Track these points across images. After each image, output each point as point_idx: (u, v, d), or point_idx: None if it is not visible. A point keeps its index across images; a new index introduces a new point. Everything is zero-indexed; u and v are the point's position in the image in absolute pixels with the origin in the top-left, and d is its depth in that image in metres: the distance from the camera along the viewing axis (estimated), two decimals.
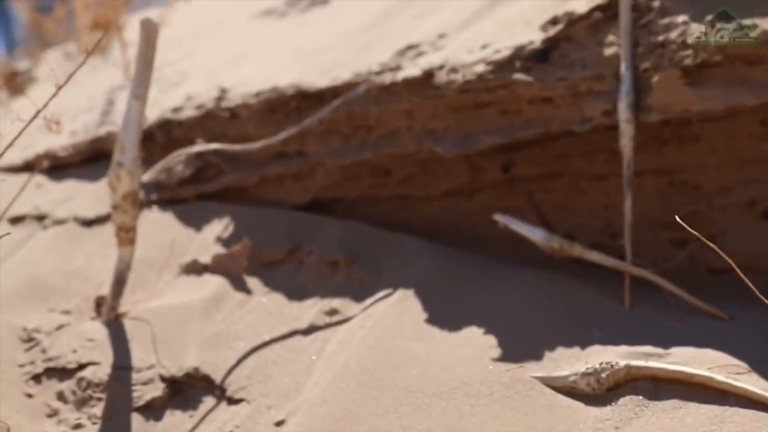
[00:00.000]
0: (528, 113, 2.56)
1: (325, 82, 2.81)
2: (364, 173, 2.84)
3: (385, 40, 2.99)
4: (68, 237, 2.79)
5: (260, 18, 3.73)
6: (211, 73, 3.24)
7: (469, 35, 2.78)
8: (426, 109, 2.68)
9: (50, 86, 3.87)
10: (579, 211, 2.71)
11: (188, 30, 3.73)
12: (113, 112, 3.23)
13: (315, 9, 3.57)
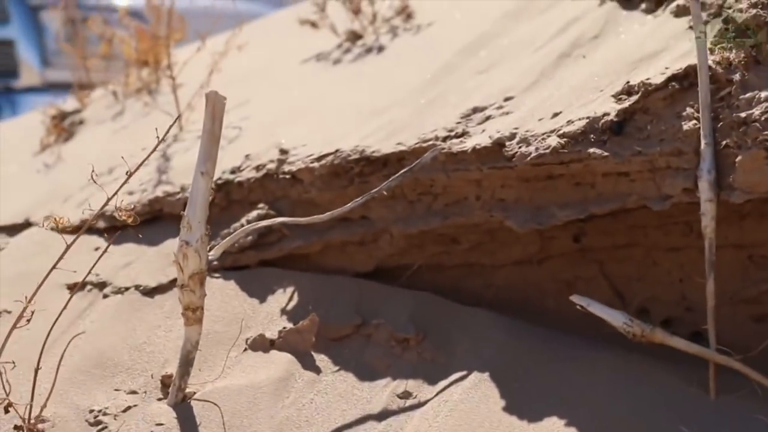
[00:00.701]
0: (602, 186, 2.50)
1: (390, 147, 2.75)
2: (430, 241, 2.79)
3: (447, 99, 2.93)
4: (130, 307, 2.75)
5: (312, 64, 3.67)
6: (267, 128, 3.18)
7: (538, 100, 2.71)
8: (495, 179, 2.62)
9: (100, 130, 3.83)
10: (653, 283, 2.65)
11: (238, 74, 3.68)
12: (169, 169, 3.17)
13: (369, 56, 3.50)
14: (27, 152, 4.01)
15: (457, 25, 3.47)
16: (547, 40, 3.10)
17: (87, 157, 3.61)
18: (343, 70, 3.46)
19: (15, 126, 4.72)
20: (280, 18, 4.68)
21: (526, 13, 3.39)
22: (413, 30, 3.59)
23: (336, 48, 3.73)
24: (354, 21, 3.77)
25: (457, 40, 3.32)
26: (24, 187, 3.56)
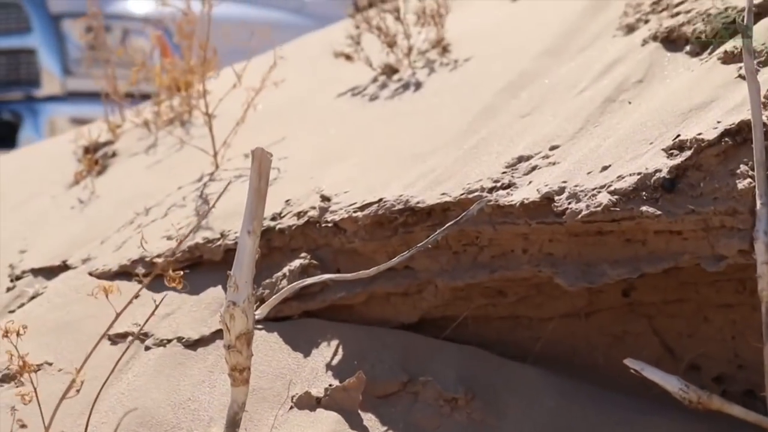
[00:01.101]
0: (654, 244, 2.46)
1: (434, 198, 2.72)
2: (476, 293, 2.75)
3: (491, 145, 2.90)
4: (173, 360, 2.72)
5: (347, 99, 3.63)
6: (305, 170, 3.15)
7: (585, 150, 2.68)
8: (543, 233, 2.59)
9: (133, 164, 3.80)
10: (704, 340, 2.61)
11: (272, 107, 3.64)
12: (208, 212, 3.14)
13: (406, 94, 3.47)
14: (59, 184, 3.98)
15: (495, 61, 3.43)
16: (590, 82, 3.06)
17: (121, 193, 3.58)
18: (380, 108, 3.43)
19: (43, 151, 4.70)
20: (310, 42, 4.64)
21: (566, 51, 3.35)
22: (450, 65, 3.55)
23: (371, 82, 3.69)
24: (389, 54, 3.73)
25: (497, 79, 3.28)
26: (59, 225, 3.54)
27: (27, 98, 8.45)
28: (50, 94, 8.40)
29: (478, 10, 4.08)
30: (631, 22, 3.34)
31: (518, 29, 3.65)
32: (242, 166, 3.38)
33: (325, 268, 2.87)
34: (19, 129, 8.35)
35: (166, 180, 3.53)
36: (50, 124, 8.36)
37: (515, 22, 3.73)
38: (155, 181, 3.56)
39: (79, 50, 8.34)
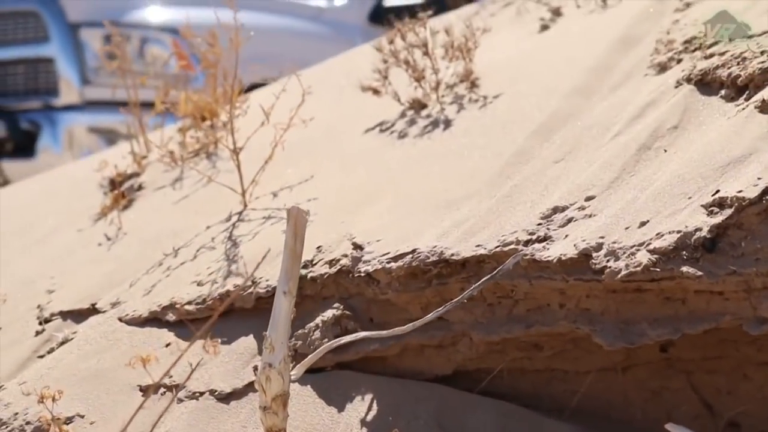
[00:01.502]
0: (694, 304, 2.44)
1: (469, 250, 2.70)
2: (512, 346, 2.73)
3: (525, 193, 2.87)
4: (206, 414, 2.70)
5: (375, 135, 3.60)
6: (335, 214, 3.12)
7: (622, 203, 2.65)
8: (581, 288, 2.56)
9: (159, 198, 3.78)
10: (744, 397, 2.58)
11: (298, 141, 3.61)
12: (238, 257, 3.12)
13: (436, 132, 3.43)
14: (84, 215, 3.97)
15: (525, 99, 3.40)
16: (623, 125, 3.03)
17: (149, 230, 3.56)
18: (410, 146, 3.40)
19: (66, 176, 4.68)
20: (334, 69, 4.61)
21: (597, 90, 3.32)
22: (480, 101, 3.52)
23: (400, 117, 3.66)
24: (417, 88, 3.70)
25: (528, 120, 3.25)
26: (86, 263, 3.52)
27: (45, 107, 8.45)
28: (68, 103, 8.40)
29: (505, 40, 4.05)
30: (663, 60, 3.31)
31: (547, 64, 3.61)
32: (271, 206, 3.36)
33: (358, 317, 2.85)
34: (37, 138, 8.35)
35: (194, 217, 3.51)
36: (68, 133, 8.35)
37: (544, 56, 3.70)
38: (183, 218, 3.54)
39: (97, 59, 8.33)
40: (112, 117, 8.46)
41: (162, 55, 8.57)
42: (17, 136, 8.34)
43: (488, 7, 4.76)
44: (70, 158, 8.43)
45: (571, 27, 3.90)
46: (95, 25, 8.46)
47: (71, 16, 8.37)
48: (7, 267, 3.80)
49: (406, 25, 3.75)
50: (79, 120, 8.40)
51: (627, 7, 3.90)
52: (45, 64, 8.46)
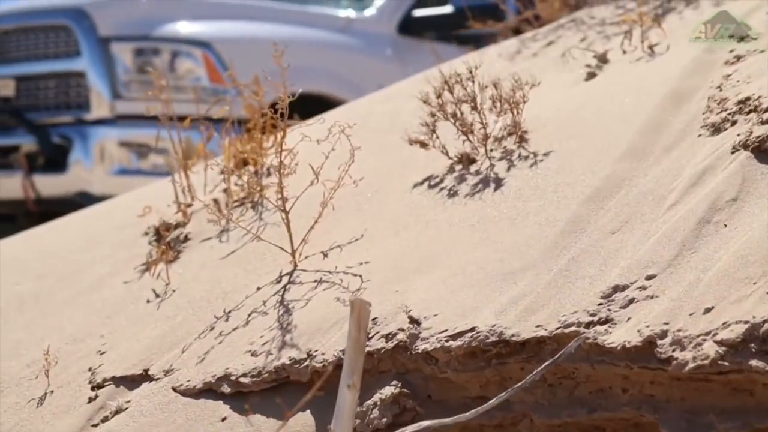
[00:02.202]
0: (762, 395, 2.42)
1: (529, 331, 2.69)
2: (573, 428, 2.71)
3: (582, 268, 2.85)
4: None
5: (424, 192, 3.58)
6: (388, 281, 3.10)
7: (684, 284, 2.63)
8: (645, 375, 2.55)
9: (206, 251, 3.78)
10: None
11: (345, 195, 3.59)
12: (292, 326, 3.11)
13: (486, 192, 3.41)
14: (129, 266, 3.96)
15: (577, 159, 3.37)
16: (680, 194, 3.00)
17: (198, 288, 3.55)
18: (461, 207, 3.38)
19: (107, 217, 4.67)
20: (376, 111, 4.59)
21: (650, 152, 3.29)
22: (530, 159, 3.50)
23: (448, 171, 3.64)
24: (465, 142, 3.68)
25: (581, 184, 3.23)
26: (136, 323, 3.51)
27: (76, 121, 8.46)
28: (99, 117, 8.41)
29: (551, 86, 4.02)
30: (717, 121, 3.28)
31: (597, 119, 3.58)
32: (321, 268, 3.35)
33: (416, 394, 2.84)
34: (68, 152, 8.37)
35: (243, 276, 3.50)
36: (99, 148, 8.37)
37: (593, 109, 3.67)
38: (232, 276, 3.53)
39: (128, 73, 8.35)
40: (143, 131, 8.48)
41: (193, 68, 8.58)
42: (48, 151, 8.37)
43: (530, 45, 4.73)
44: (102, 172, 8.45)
45: (618, 77, 3.87)
46: (126, 39, 8.47)
47: (102, 30, 8.38)
48: (54, 318, 3.80)
49: (453, 77, 3.71)
50: (110, 134, 8.42)
51: (675, 56, 3.87)
52: (76, 79, 8.49)
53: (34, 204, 8.44)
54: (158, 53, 8.57)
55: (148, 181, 8.77)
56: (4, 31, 8.73)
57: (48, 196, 8.48)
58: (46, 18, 8.66)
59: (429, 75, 4.64)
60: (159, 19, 8.64)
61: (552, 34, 4.78)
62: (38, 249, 4.55)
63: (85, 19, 8.44)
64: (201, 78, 8.63)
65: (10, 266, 4.41)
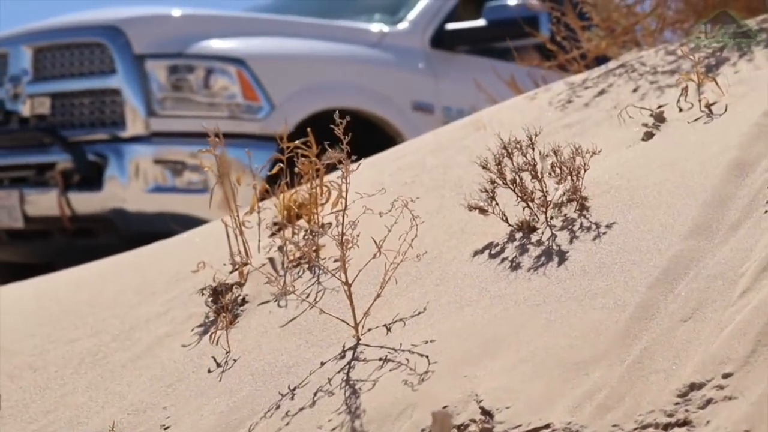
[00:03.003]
0: None
1: (606, 429, 2.68)
2: None
3: (655, 360, 2.85)
4: None
5: (486, 262, 3.57)
6: (456, 364, 3.09)
7: (763, 386, 2.63)
8: None
9: (265, 317, 3.78)
10: None
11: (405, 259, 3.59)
12: (360, 410, 3.11)
13: (550, 266, 3.39)
14: (187, 327, 3.97)
15: (641, 235, 3.36)
16: (751, 280, 2.99)
17: (259, 360, 3.56)
18: (524, 283, 3.37)
19: (160, 271, 4.68)
20: (428, 161, 4.58)
21: (716, 229, 3.28)
22: (592, 230, 3.48)
23: (508, 239, 3.63)
24: (525, 209, 3.67)
25: (647, 262, 3.22)
26: (198, 394, 3.52)
27: (112, 139, 8.50)
28: (135, 135, 8.45)
29: (607, 145, 4.00)
30: None
31: (659, 188, 3.57)
32: (385, 344, 3.35)
33: None
34: (104, 170, 8.41)
35: (305, 348, 3.51)
36: (135, 165, 8.41)
37: (653, 177, 3.65)
38: (294, 348, 3.53)
39: (162, 90, 8.37)
40: (178, 148, 8.51)
41: (227, 85, 8.59)
42: (84, 168, 8.40)
43: (581, 93, 4.71)
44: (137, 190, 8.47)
45: (677, 139, 3.85)
46: (160, 57, 8.49)
47: (137, 47, 8.42)
48: (114, 383, 3.81)
49: (512, 144, 3.70)
50: (145, 152, 8.46)
51: (734, 119, 3.85)
52: (111, 96, 8.53)
53: (70, 221, 8.48)
54: (193, 70, 8.59)
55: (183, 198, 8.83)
56: (39, 49, 8.76)
57: (83, 213, 8.52)
58: (80, 35, 8.69)
59: (479, 121, 4.65)
60: (193, 36, 8.65)
61: (602, 81, 4.76)
62: (90, 298, 4.56)
63: (120, 36, 8.47)
64: (235, 95, 8.64)
65: (64, 318, 4.43)
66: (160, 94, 8.42)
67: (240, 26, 9.10)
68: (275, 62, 8.79)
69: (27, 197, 8.66)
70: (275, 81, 8.80)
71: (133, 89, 8.40)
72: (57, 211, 8.49)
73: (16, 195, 8.62)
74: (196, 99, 8.54)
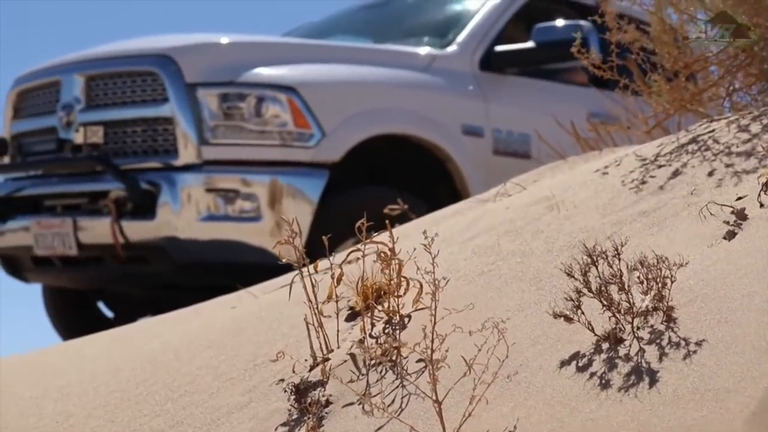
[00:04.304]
0: None
1: None
2: None
3: None
4: None
5: (574, 376, 3.59)
6: None
7: None
8: None
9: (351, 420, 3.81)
10: None
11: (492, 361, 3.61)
12: None
13: (641, 387, 3.41)
14: (268, 423, 4.01)
15: (733, 357, 3.37)
16: None
17: None
18: (617, 406, 3.38)
19: (232, 347, 4.72)
20: (503, 245, 4.59)
21: None
22: (681, 347, 3.49)
23: (594, 350, 3.65)
24: (611, 318, 3.69)
25: (743, 394, 3.22)
26: None
27: (164, 167, 8.57)
28: (187, 163, 8.53)
29: (686, 242, 4.00)
30: None
31: (747, 301, 3.57)
32: None
33: None
34: (156, 198, 8.49)
35: None
36: (187, 193, 8.47)
37: (740, 287, 3.65)
38: None
39: (214, 119, 8.41)
40: (230, 176, 8.56)
41: (279, 113, 8.62)
42: (136, 196, 8.47)
43: (654, 172, 4.70)
44: (189, 218, 8.52)
45: (759, 242, 3.85)
46: (212, 85, 8.54)
47: (188, 76, 8.48)
48: None
49: (599, 254, 3.71)
50: (197, 180, 8.52)
51: None
52: (163, 124, 8.59)
53: (123, 249, 8.55)
54: (244, 98, 8.64)
55: (235, 226, 8.86)
56: (91, 77, 8.83)
57: (136, 240, 8.60)
58: (132, 64, 8.76)
59: (551, 199, 4.66)
60: (243, 64, 8.71)
61: (675, 159, 4.75)
62: (167, 381, 4.60)
63: (172, 65, 8.53)
64: (287, 122, 8.68)
65: (143, 403, 4.47)
66: (211, 122, 8.47)
67: (289, 52, 9.14)
68: (326, 89, 8.83)
69: (80, 225, 8.75)
70: (326, 108, 8.85)
71: (185, 117, 8.47)
72: (110, 239, 8.57)
73: (70, 223, 8.72)
74: (247, 127, 8.59)
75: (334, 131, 8.54)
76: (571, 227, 4.26)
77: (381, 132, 8.87)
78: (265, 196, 8.44)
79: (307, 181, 8.56)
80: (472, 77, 9.35)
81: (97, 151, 8.63)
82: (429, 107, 9.07)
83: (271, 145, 8.50)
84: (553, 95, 9.87)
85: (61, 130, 8.76)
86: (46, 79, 9.02)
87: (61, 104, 8.84)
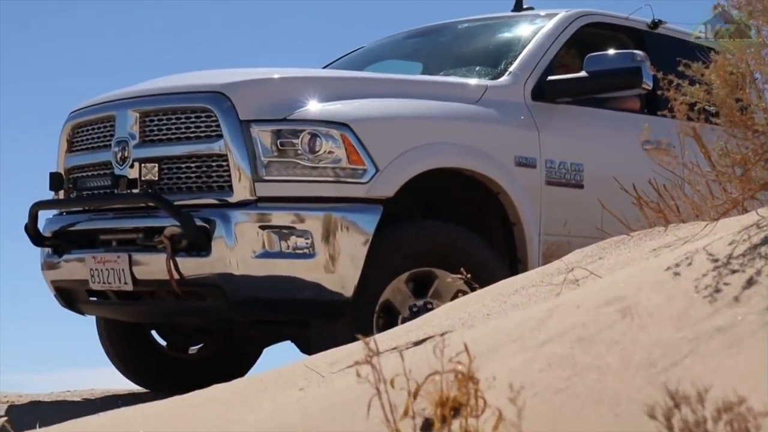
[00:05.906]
0: None
1: None
2: None
3: None
4: None
5: None
6: None
7: None
8: None
9: None
10: None
11: None
12: None
13: None
14: None
15: None
16: None
17: None
18: None
19: None
20: (580, 358, 4.61)
21: None
22: None
23: None
24: None
25: None
26: None
27: (219, 204, 8.60)
28: (241, 200, 8.55)
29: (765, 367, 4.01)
30: None
31: None
32: None
33: None
34: (211, 234, 8.52)
35: None
36: (241, 230, 8.50)
37: None
38: None
39: (268, 155, 8.42)
40: (284, 213, 8.58)
41: (332, 149, 8.62)
42: (191, 233, 8.50)
43: (728, 278, 4.69)
44: (243, 255, 8.55)
45: None
46: (266, 122, 8.55)
47: (242, 113, 8.49)
48: None
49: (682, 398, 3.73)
50: (252, 216, 8.55)
51: None
52: (217, 161, 8.61)
53: (178, 284, 8.61)
54: (298, 135, 8.64)
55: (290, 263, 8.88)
56: (145, 113, 8.87)
57: (191, 276, 8.65)
58: (186, 101, 8.79)
59: (623, 302, 4.66)
60: (297, 100, 8.71)
61: (749, 264, 4.74)
62: None
63: (225, 101, 8.55)
64: (340, 159, 8.69)
65: None
66: (265, 159, 8.49)
67: (341, 87, 9.14)
68: (379, 125, 8.83)
69: (136, 260, 8.82)
70: (379, 144, 8.85)
71: (239, 154, 8.49)
72: (166, 275, 8.62)
73: (126, 258, 8.78)
74: (301, 163, 8.59)
75: (388, 167, 8.52)
76: (646, 340, 4.27)
77: (434, 166, 8.86)
78: (319, 232, 8.44)
79: (362, 216, 8.56)
80: (524, 108, 9.32)
81: (151, 187, 8.66)
82: (481, 140, 9.04)
83: (325, 181, 8.49)
84: (605, 123, 9.84)
85: (116, 166, 8.79)
86: (101, 114, 9.05)
87: (115, 139, 8.86)
